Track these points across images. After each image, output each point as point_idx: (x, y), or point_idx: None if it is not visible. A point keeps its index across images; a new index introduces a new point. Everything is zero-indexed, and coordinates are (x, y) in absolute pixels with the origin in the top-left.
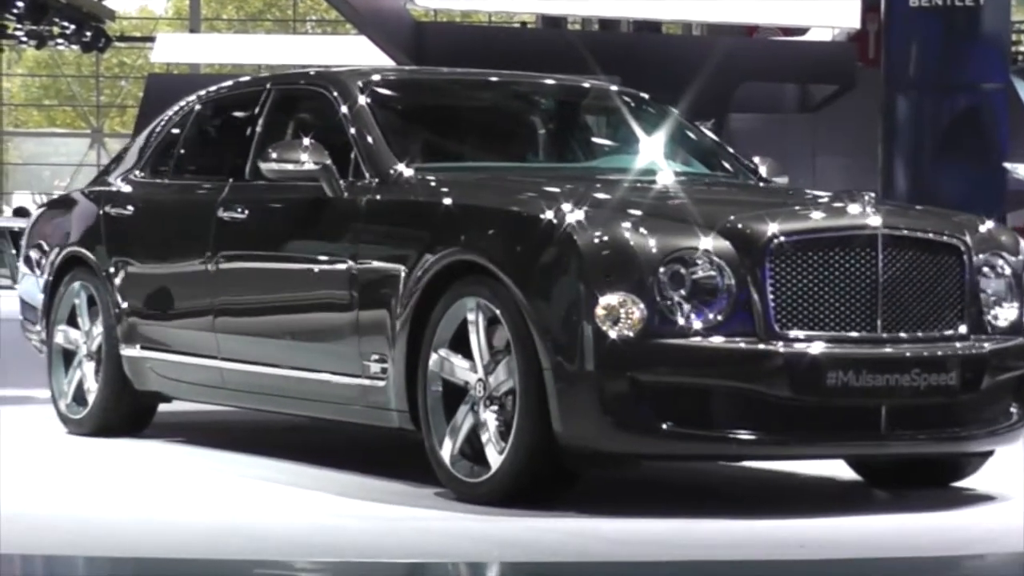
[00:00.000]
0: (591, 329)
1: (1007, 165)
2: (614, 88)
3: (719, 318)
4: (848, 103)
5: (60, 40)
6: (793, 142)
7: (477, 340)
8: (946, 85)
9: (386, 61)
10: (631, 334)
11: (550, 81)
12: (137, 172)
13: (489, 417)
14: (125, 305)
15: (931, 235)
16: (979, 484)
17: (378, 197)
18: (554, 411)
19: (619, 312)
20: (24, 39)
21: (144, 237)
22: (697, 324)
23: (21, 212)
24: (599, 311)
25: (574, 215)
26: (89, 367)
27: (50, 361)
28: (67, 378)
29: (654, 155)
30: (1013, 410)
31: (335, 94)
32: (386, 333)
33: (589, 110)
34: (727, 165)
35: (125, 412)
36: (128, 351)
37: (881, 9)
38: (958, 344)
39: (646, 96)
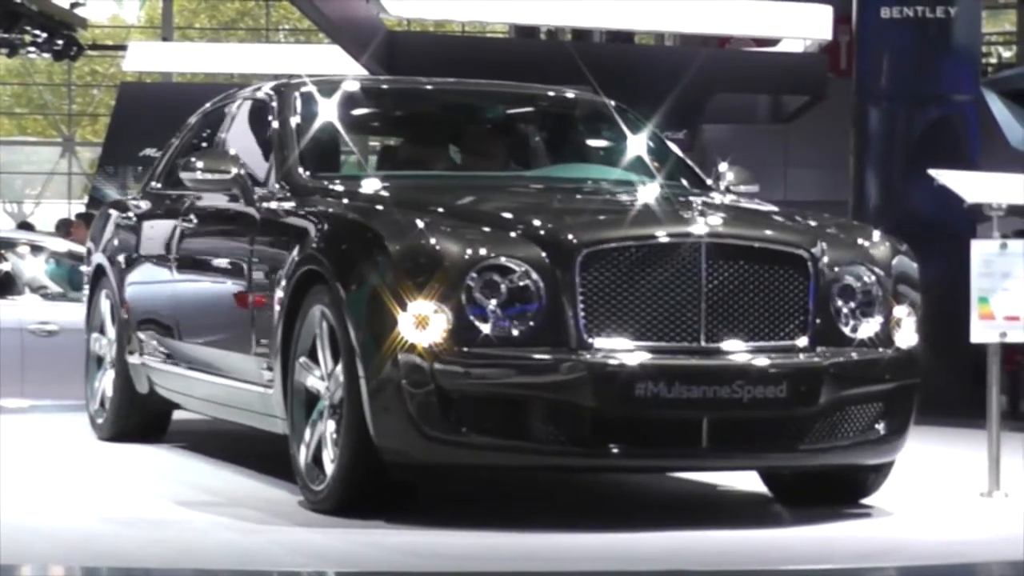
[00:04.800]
0: (400, 338)
1: (931, 172)
2: (552, 94)
3: (529, 327)
4: (820, 114)
5: (32, 48)
6: (765, 153)
7: (321, 349)
8: (917, 96)
9: (359, 70)
10: (438, 343)
11: (500, 89)
12: (153, 183)
13: (329, 426)
14: (128, 313)
15: (763, 244)
16: (881, 501)
17: (273, 206)
18: (369, 421)
19: (428, 321)
20: None
21: (139, 247)
22: (507, 333)
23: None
24: (407, 319)
25: (391, 223)
26: (111, 375)
27: (87, 368)
28: (96, 385)
29: (585, 163)
30: (879, 426)
31: (273, 104)
32: (271, 342)
33: (533, 118)
34: (679, 174)
35: (137, 418)
36: (132, 358)
37: (853, 20)
38: (796, 356)
39: (607, 102)
